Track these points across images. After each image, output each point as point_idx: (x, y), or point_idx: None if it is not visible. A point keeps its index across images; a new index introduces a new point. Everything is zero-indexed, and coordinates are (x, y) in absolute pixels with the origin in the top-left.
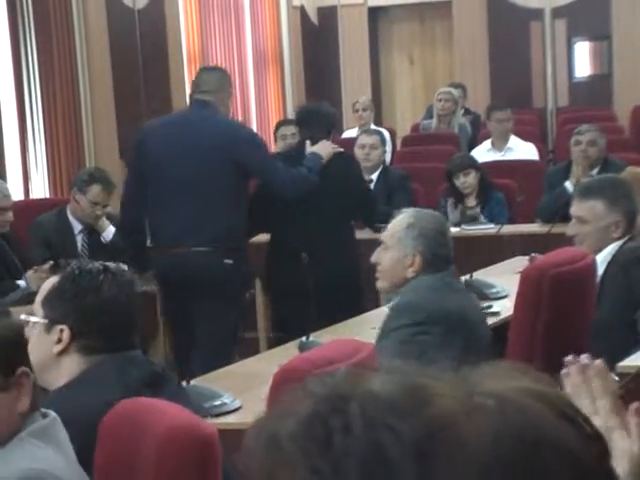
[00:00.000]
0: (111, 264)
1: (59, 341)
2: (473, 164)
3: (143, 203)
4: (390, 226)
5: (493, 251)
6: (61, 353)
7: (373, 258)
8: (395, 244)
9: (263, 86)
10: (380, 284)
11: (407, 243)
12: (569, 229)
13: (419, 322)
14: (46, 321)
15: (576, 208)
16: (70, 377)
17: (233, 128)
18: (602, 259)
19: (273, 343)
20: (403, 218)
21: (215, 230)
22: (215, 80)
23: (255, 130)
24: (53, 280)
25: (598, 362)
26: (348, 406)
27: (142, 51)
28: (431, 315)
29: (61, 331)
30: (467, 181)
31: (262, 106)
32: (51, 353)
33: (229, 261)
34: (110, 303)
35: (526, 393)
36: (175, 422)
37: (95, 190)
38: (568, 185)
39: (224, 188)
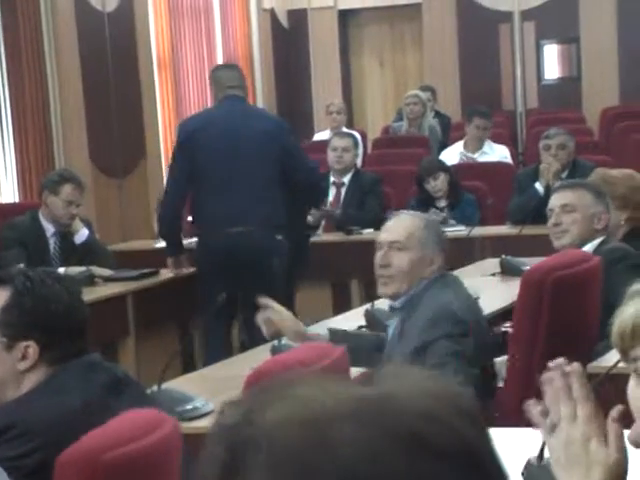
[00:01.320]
0: (59, 270)
1: (23, 357)
2: (442, 167)
3: (185, 196)
4: (398, 228)
5: (464, 253)
6: (28, 369)
7: (382, 260)
8: (415, 245)
9: None
10: (389, 288)
11: (428, 244)
12: (553, 218)
13: (461, 333)
14: (4, 340)
15: (561, 197)
16: (32, 387)
17: (277, 118)
18: None
19: (246, 346)
20: (414, 219)
21: (266, 210)
22: (240, 76)
23: None
24: (2, 297)
25: (575, 365)
26: (245, 456)
27: (112, 54)
28: (467, 324)
29: (26, 347)
30: (437, 185)
31: None
32: (14, 371)
33: (279, 237)
34: (70, 309)
35: (426, 393)
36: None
37: (67, 189)
38: (538, 186)
39: (272, 173)
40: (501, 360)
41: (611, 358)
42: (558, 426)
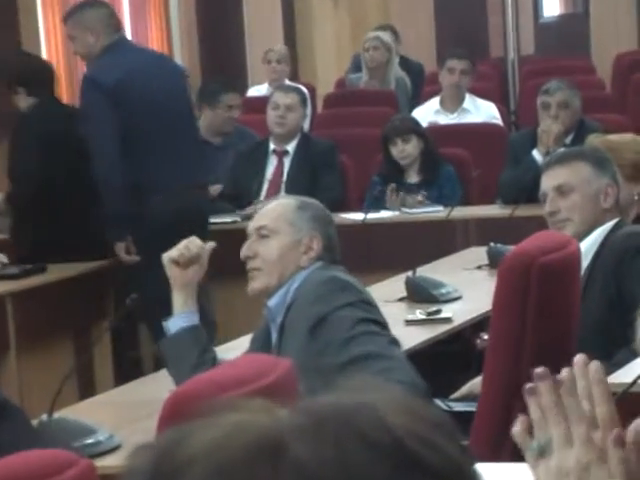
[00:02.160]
0: None
1: None
2: (416, 129)
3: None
4: (266, 212)
5: (442, 240)
6: None
7: (246, 251)
8: (284, 228)
9: (143, 33)
10: (257, 283)
11: (301, 225)
12: (548, 206)
13: (362, 300)
14: None
15: (553, 177)
16: None
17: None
18: (587, 248)
19: (161, 363)
20: (286, 201)
21: (202, 165)
22: (113, 11)
23: None
24: None
25: (595, 365)
26: None
27: None
28: (367, 294)
29: None
30: (406, 149)
31: None
32: None
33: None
34: None
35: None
36: None
37: None
38: (536, 154)
39: (193, 120)
40: (480, 380)
41: (626, 373)
42: (547, 450)
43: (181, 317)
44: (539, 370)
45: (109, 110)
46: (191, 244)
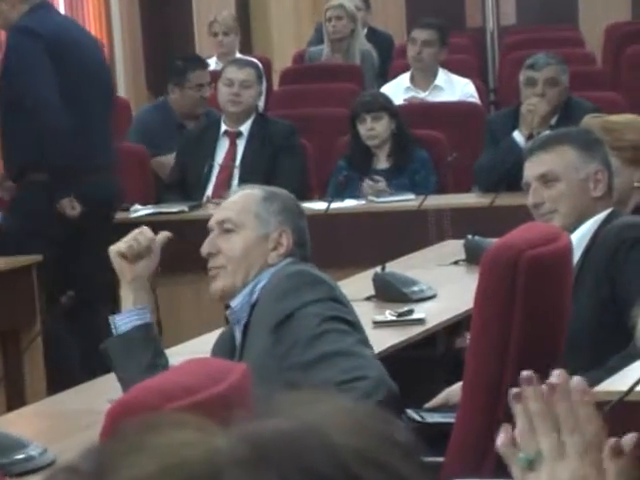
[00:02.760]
0: None
1: None
2: (387, 106)
3: None
4: (230, 204)
5: (414, 233)
6: None
7: (208, 248)
8: (250, 222)
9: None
10: (220, 282)
11: (269, 219)
12: (531, 197)
13: (331, 297)
14: None
15: (536, 165)
16: None
17: None
18: (577, 241)
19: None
20: (251, 192)
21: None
22: None
23: None
24: None
25: (577, 380)
26: None
27: None
28: (337, 290)
29: None
30: (375, 129)
31: None
32: None
33: None
34: None
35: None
36: None
37: None
38: (517, 136)
39: (113, 94)
40: (457, 387)
41: (621, 380)
42: (537, 464)
43: (131, 314)
44: (525, 373)
45: (49, 60)
46: (141, 236)
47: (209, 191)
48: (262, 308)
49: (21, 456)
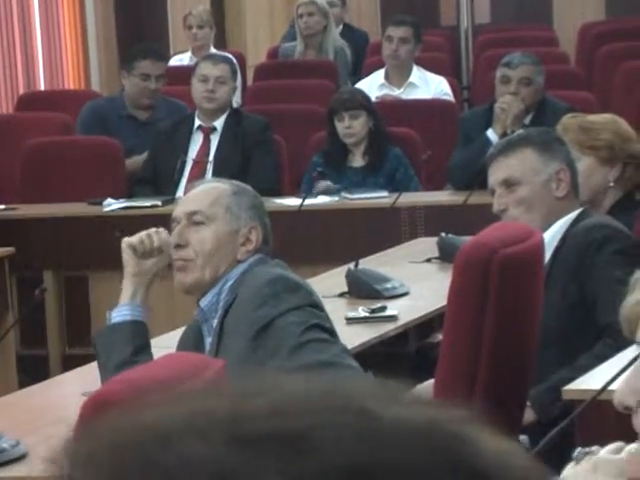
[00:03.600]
0: None
1: None
2: (366, 105)
3: None
4: (198, 195)
5: (387, 230)
6: None
7: (177, 239)
8: (221, 215)
9: None
10: (188, 276)
11: (239, 213)
12: (496, 204)
13: (310, 304)
14: None
15: (497, 171)
16: None
17: None
18: (548, 240)
19: (70, 363)
20: (219, 185)
21: None
22: None
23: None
24: None
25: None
26: None
27: None
28: (315, 295)
29: None
30: (353, 126)
31: (51, 26)
32: None
33: None
34: None
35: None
36: None
37: None
38: (491, 134)
39: None
40: (428, 385)
41: (593, 379)
42: None
43: (125, 308)
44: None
45: None
46: (155, 235)
47: (182, 186)
48: (240, 313)
49: None
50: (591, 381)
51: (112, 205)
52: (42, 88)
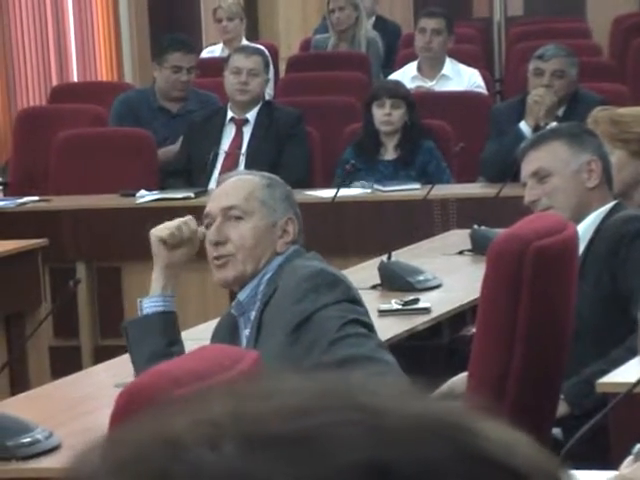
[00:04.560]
0: None
1: None
2: (406, 97)
3: None
4: (232, 190)
5: (420, 222)
6: None
7: (216, 236)
8: (258, 208)
9: None
10: (230, 271)
11: (275, 206)
12: (527, 195)
13: (349, 299)
14: None
15: (529, 164)
16: None
17: None
18: (582, 233)
19: (103, 354)
20: (251, 177)
21: None
22: None
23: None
24: None
25: None
26: None
27: None
28: (354, 290)
29: None
30: (393, 115)
31: (84, 18)
32: None
33: None
34: None
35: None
36: None
37: None
38: (523, 127)
39: None
40: (461, 377)
41: (627, 372)
42: None
43: (158, 299)
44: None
45: None
46: (185, 226)
47: (214, 178)
48: (279, 307)
49: (27, 439)
50: (625, 374)
51: (145, 197)
52: (75, 80)
